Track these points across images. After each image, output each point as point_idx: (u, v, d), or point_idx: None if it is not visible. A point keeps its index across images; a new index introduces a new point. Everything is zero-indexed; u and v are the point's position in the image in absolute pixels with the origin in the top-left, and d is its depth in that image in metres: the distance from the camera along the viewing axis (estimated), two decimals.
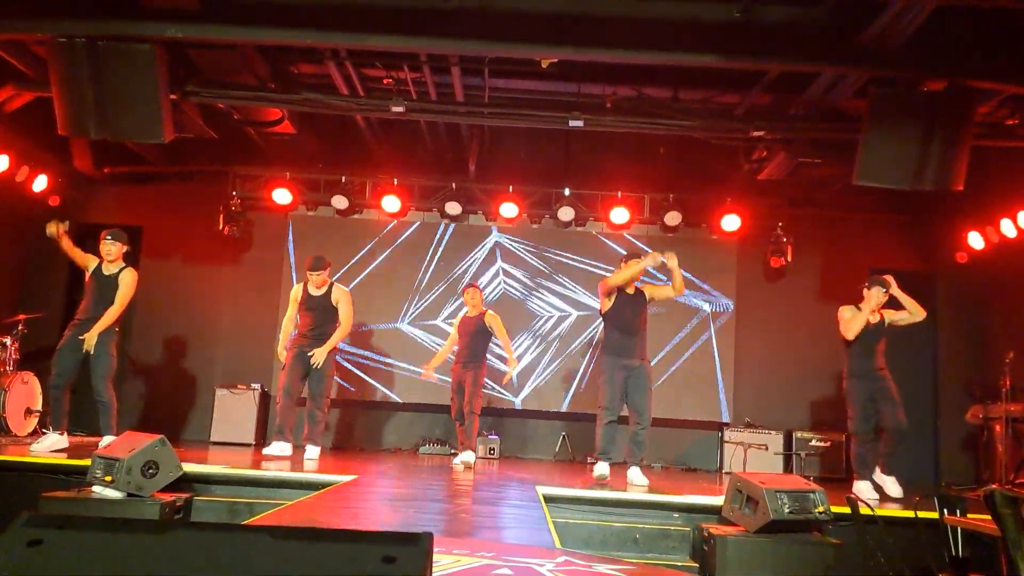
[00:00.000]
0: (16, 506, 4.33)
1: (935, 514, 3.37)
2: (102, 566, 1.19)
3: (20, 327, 7.16)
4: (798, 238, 8.49)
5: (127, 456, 4.40)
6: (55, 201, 8.13)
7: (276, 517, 3.79)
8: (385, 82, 6.98)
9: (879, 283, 5.99)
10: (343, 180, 8.46)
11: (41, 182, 7.76)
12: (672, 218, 8.35)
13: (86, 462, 4.75)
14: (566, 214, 8.40)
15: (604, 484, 5.70)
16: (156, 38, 5.44)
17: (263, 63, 6.47)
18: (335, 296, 6.54)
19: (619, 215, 8.35)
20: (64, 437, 5.88)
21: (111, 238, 6.05)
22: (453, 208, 8.43)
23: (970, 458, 8.07)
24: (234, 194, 8.47)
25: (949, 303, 8.30)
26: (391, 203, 8.38)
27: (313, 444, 6.50)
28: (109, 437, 5.80)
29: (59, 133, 5.90)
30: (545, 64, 6.05)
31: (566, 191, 8.42)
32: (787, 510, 4.26)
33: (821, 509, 4.36)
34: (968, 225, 8.06)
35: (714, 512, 4.88)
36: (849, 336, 5.96)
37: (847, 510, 3.20)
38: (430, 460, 7.66)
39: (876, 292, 5.97)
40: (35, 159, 7.68)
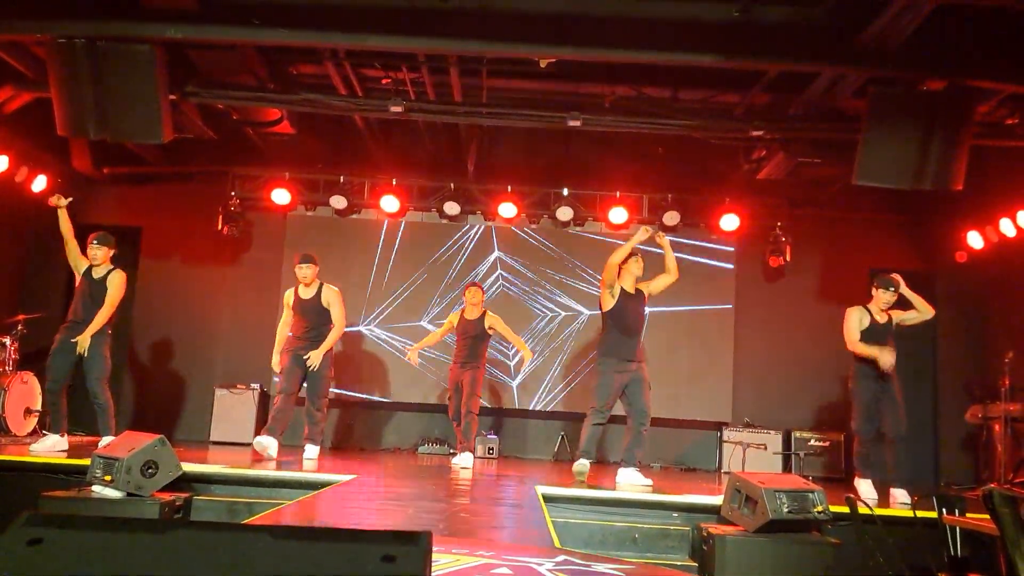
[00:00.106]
0: (16, 506, 4.33)
1: (934, 514, 3.38)
2: (102, 565, 1.19)
3: (20, 327, 7.16)
4: (797, 238, 8.49)
5: (127, 456, 4.41)
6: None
7: (275, 516, 3.79)
8: (384, 82, 6.98)
9: (886, 283, 5.93)
10: (342, 180, 8.46)
11: (40, 182, 7.75)
12: (671, 218, 8.35)
13: (86, 462, 4.76)
14: (565, 214, 8.40)
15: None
16: (155, 39, 5.44)
17: (262, 64, 6.48)
18: (326, 297, 6.50)
19: (618, 215, 8.35)
20: (64, 438, 5.88)
21: (97, 242, 6.05)
22: (451, 208, 8.42)
23: (969, 458, 8.07)
24: (233, 194, 8.46)
25: (948, 303, 8.29)
26: (390, 203, 8.38)
27: (312, 444, 6.51)
28: (108, 437, 5.80)
29: (58, 134, 5.90)
30: (543, 64, 6.05)
31: (564, 191, 8.41)
32: (786, 510, 4.26)
33: (820, 509, 4.36)
34: (967, 225, 8.05)
35: (713, 512, 4.88)
36: (848, 346, 5.91)
37: (846, 510, 3.20)
38: (429, 460, 7.66)
39: (883, 293, 5.91)
40: (34, 160, 7.67)
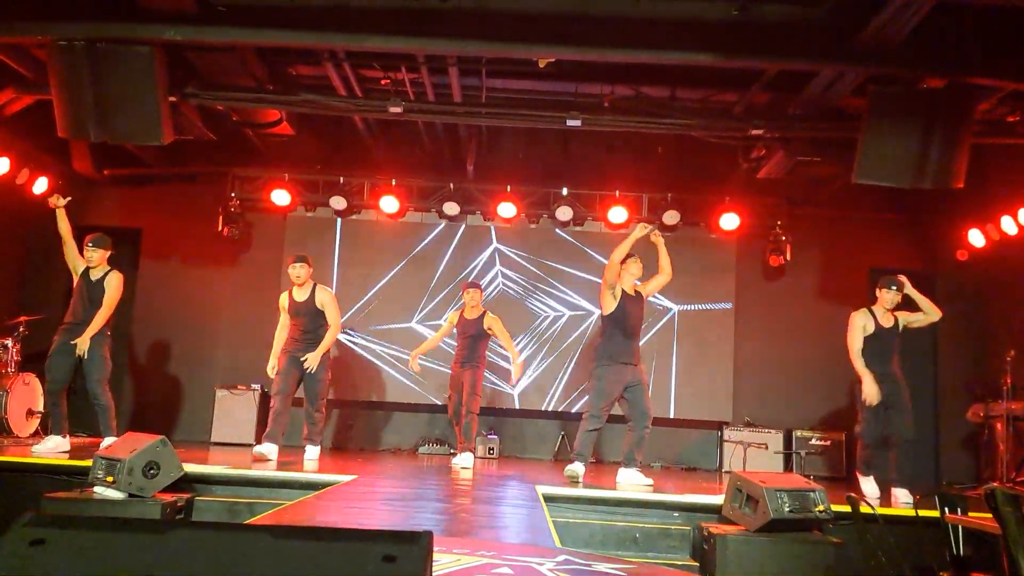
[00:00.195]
0: (18, 507, 4.34)
1: (936, 513, 3.37)
2: (104, 566, 1.19)
3: (21, 329, 7.17)
4: (797, 237, 8.49)
5: (128, 457, 4.41)
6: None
7: (276, 517, 3.79)
8: (383, 83, 6.99)
9: (889, 282, 5.90)
10: (341, 181, 8.46)
11: (41, 184, 7.76)
12: (670, 217, 8.35)
13: (88, 463, 4.76)
14: (564, 214, 8.40)
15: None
16: (155, 40, 5.44)
17: (261, 65, 6.48)
18: (319, 298, 6.47)
19: (617, 214, 8.35)
20: (66, 440, 5.89)
21: (93, 244, 6.04)
22: (451, 208, 8.43)
23: (971, 456, 8.06)
24: (233, 195, 8.47)
25: (949, 301, 8.25)
26: (389, 204, 8.38)
27: (312, 444, 6.50)
28: (110, 438, 5.81)
29: (59, 136, 5.91)
30: (542, 64, 6.06)
31: (564, 191, 8.42)
32: (787, 509, 4.26)
33: (821, 508, 4.36)
34: (968, 223, 8.03)
35: (714, 511, 4.88)
36: (850, 354, 5.86)
37: (847, 509, 3.19)
38: (429, 460, 7.66)
39: (887, 292, 5.88)
40: (35, 161, 7.68)
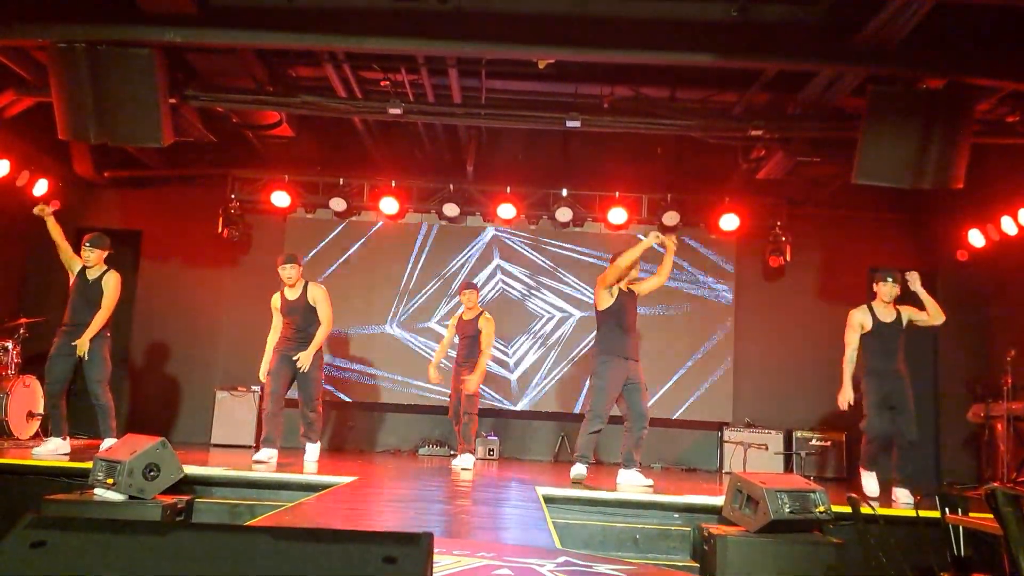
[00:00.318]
0: (19, 509, 4.35)
1: (937, 513, 3.37)
2: (105, 567, 1.19)
3: (22, 331, 7.17)
4: (797, 237, 8.48)
5: (129, 459, 4.41)
6: (56, 205, 8.13)
7: (277, 518, 3.79)
8: (383, 84, 6.98)
9: (885, 273, 5.88)
10: (341, 182, 8.47)
11: (42, 186, 7.76)
12: (670, 218, 8.34)
13: (88, 465, 4.76)
14: (564, 215, 8.40)
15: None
16: (155, 43, 5.45)
17: (261, 66, 6.49)
18: (312, 296, 6.38)
19: (617, 215, 8.35)
20: (66, 442, 5.89)
21: (90, 244, 6.03)
22: (451, 209, 8.42)
23: (972, 457, 8.07)
24: (233, 197, 8.47)
25: (950, 301, 8.22)
26: (389, 205, 8.38)
27: (311, 442, 6.47)
28: (110, 440, 5.81)
29: (59, 138, 5.92)
30: (542, 65, 6.06)
31: (564, 192, 8.41)
32: (788, 510, 4.26)
33: (822, 508, 4.36)
34: (968, 223, 8.04)
35: (714, 512, 4.88)
36: (844, 354, 5.88)
37: (848, 509, 3.20)
38: (429, 461, 7.66)
39: (884, 285, 5.85)
40: (36, 163, 7.68)
